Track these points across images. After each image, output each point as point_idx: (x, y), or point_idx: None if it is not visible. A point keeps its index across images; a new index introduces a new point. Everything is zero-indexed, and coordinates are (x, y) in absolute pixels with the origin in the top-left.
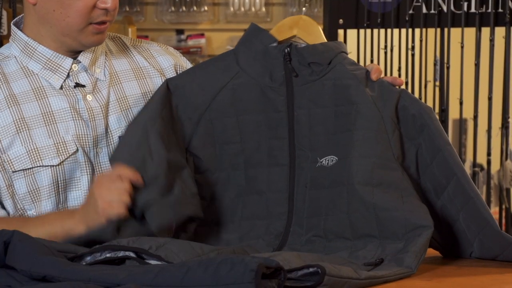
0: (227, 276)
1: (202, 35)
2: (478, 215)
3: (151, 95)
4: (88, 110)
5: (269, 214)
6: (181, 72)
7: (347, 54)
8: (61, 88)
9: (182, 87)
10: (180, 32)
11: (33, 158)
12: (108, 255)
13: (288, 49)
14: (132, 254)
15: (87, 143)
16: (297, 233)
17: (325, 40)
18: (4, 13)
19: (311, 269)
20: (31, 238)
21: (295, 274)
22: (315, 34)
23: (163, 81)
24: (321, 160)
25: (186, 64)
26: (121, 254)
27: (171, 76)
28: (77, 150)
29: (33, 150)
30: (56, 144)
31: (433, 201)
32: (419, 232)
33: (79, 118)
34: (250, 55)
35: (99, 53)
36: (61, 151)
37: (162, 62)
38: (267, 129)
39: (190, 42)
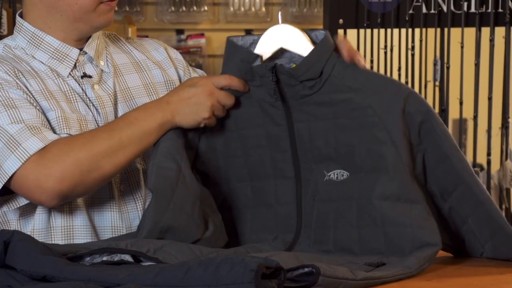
0: (227, 276)
1: (202, 35)
2: (490, 220)
3: (152, 86)
4: (98, 98)
5: (278, 226)
6: (176, 62)
7: (333, 48)
8: (69, 77)
9: None
10: (180, 32)
11: (61, 126)
12: (105, 258)
13: (273, 70)
14: (128, 258)
15: (94, 127)
16: (305, 244)
17: (310, 43)
18: (4, 13)
19: (306, 269)
20: (31, 238)
21: (290, 274)
22: (300, 41)
23: (161, 73)
24: (329, 174)
25: (176, 55)
26: (117, 258)
27: (168, 68)
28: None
29: (61, 118)
30: (79, 120)
31: (440, 205)
32: (426, 249)
33: (92, 105)
34: (240, 75)
35: (102, 46)
36: (83, 128)
37: (157, 56)
38: (268, 143)
39: (190, 42)
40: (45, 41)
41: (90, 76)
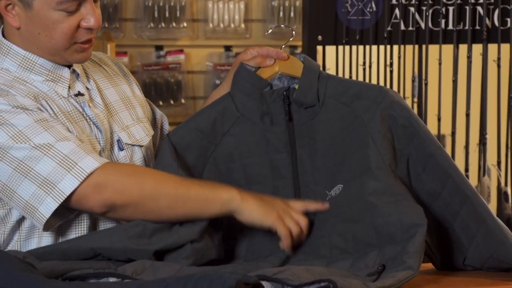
0: None
1: (181, 51)
2: (475, 213)
3: (127, 100)
4: (97, 116)
5: (274, 251)
6: (133, 79)
7: (319, 67)
8: (68, 97)
9: (183, 137)
10: (159, 48)
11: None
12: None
13: (286, 93)
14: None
15: (99, 147)
16: (300, 256)
17: (301, 65)
18: None
19: (322, 284)
20: (8, 255)
21: None
22: (294, 65)
23: (128, 87)
24: (330, 193)
25: (128, 72)
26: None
27: (131, 83)
28: (101, 150)
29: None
30: (89, 140)
31: (427, 206)
32: (414, 231)
33: (92, 123)
34: (246, 100)
35: (81, 65)
36: (93, 147)
37: (118, 69)
38: (270, 171)
39: (169, 58)
40: (38, 63)
41: (82, 94)
